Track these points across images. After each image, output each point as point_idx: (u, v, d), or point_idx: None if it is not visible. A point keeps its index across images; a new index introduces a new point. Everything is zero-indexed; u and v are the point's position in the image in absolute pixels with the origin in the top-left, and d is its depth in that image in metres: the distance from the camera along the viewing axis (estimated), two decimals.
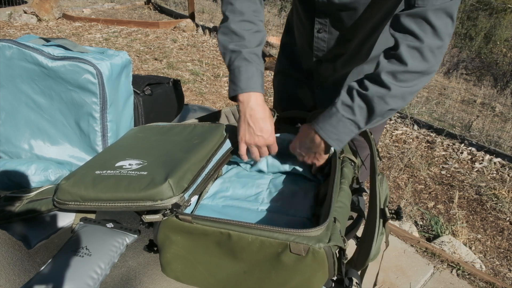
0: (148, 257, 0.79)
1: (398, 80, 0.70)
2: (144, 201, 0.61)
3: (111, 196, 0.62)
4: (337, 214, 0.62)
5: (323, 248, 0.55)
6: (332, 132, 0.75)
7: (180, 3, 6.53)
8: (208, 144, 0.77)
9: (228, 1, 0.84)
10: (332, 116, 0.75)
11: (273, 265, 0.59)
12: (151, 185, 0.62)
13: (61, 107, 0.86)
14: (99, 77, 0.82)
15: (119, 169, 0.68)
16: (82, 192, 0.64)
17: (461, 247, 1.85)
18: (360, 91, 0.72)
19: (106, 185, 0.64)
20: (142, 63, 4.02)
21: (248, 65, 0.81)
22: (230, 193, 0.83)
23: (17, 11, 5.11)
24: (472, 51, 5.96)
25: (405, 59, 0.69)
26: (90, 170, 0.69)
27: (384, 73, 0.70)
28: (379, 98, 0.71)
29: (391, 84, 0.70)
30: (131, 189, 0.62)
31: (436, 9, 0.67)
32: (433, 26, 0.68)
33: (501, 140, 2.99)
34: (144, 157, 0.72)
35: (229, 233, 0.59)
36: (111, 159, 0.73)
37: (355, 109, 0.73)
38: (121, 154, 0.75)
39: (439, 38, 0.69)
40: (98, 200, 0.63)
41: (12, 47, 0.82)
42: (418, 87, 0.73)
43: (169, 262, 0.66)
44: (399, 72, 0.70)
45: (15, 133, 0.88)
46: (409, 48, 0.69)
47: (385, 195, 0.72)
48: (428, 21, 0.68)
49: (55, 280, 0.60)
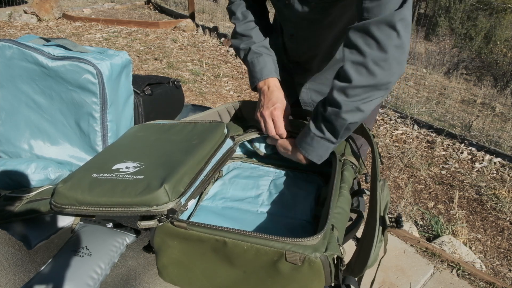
0: (148, 257, 0.79)
1: (349, 95, 0.71)
2: (140, 206, 0.60)
3: (107, 201, 0.62)
4: (335, 221, 0.62)
5: (319, 258, 0.54)
6: (310, 150, 0.78)
7: (180, 3, 6.53)
8: (207, 145, 0.76)
9: (232, 12, 0.98)
10: (307, 136, 0.78)
11: (269, 273, 0.58)
12: (147, 190, 0.61)
13: (61, 107, 0.86)
14: (99, 77, 0.82)
15: (116, 173, 0.67)
16: (78, 196, 0.63)
17: (461, 247, 1.85)
18: (322, 112, 0.75)
19: (102, 190, 0.63)
20: (142, 63, 4.02)
21: (259, 57, 0.91)
22: (230, 194, 0.82)
23: (17, 11, 5.11)
24: (472, 51, 5.96)
25: (349, 75, 0.70)
26: (88, 173, 0.68)
27: (335, 91, 0.72)
28: (335, 116, 0.73)
29: (342, 101, 0.71)
30: (126, 194, 0.61)
31: (377, 22, 0.67)
32: (375, 39, 0.68)
33: (501, 140, 2.99)
34: (142, 159, 0.71)
35: (224, 241, 0.58)
36: (109, 161, 0.72)
37: (323, 128, 0.76)
38: (119, 156, 0.74)
39: (383, 51, 0.68)
40: (94, 204, 0.62)
41: (12, 47, 0.82)
42: (375, 98, 0.72)
43: (166, 266, 0.66)
44: (347, 88, 0.71)
45: (15, 133, 0.88)
46: (353, 64, 0.70)
47: (386, 202, 0.71)
48: (371, 34, 0.68)
49: (55, 280, 0.60)
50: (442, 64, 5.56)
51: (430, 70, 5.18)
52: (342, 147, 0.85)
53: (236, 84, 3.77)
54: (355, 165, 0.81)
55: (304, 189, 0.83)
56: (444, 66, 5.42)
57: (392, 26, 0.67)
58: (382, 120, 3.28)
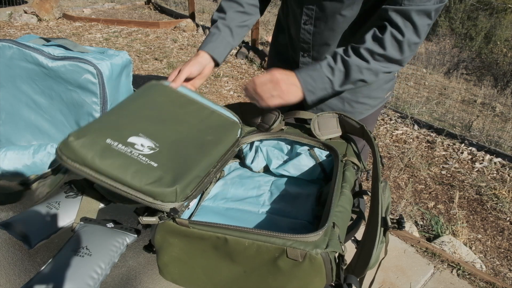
0: (148, 257, 0.79)
1: (374, 58, 0.82)
2: (146, 195, 0.60)
3: (116, 177, 0.60)
4: (337, 219, 0.62)
5: (320, 254, 0.54)
6: (309, 84, 0.85)
7: (180, 3, 6.54)
8: (221, 147, 0.76)
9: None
10: (315, 71, 0.85)
11: (270, 270, 0.58)
12: (158, 183, 0.60)
13: (61, 107, 0.86)
14: (100, 77, 0.82)
15: (131, 148, 0.65)
16: (88, 158, 0.61)
17: (462, 247, 1.85)
18: (344, 56, 0.83)
19: (113, 163, 0.61)
20: (142, 63, 4.02)
21: (216, 33, 0.94)
22: (231, 194, 0.82)
23: (18, 11, 5.11)
24: (472, 51, 5.96)
25: (386, 45, 0.81)
26: (102, 135, 0.65)
27: (364, 49, 0.82)
28: (356, 67, 0.82)
29: (370, 59, 0.82)
30: (137, 178, 0.60)
31: (418, 10, 0.77)
32: (414, 24, 0.79)
33: (502, 140, 2.99)
34: (157, 138, 0.70)
35: (225, 238, 0.58)
36: (126, 127, 0.69)
37: (335, 71, 0.83)
38: (136, 123, 0.72)
39: (418, 36, 0.80)
40: (100, 173, 0.61)
41: (13, 47, 0.82)
42: (389, 70, 0.85)
43: (167, 265, 0.66)
44: (376, 53, 0.82)
45: (16, 133, 0.88)
46: (392, 37, 0.80)
47: (387, 203, 0.71)
48: (411, 19, 0.78)
49: (56, 280, 0.60)
50: (442, 64, 5.56)
51: (430, 70, 5.18)
52: (343, 148, 0.85)
53: (236, 84, 3.77)
54: (357, 166, 0.81)
55: (305, 189, 0.83)
56: (444, 66, 5.42)
57: (430, 16, 0.79)
58: (382, 120, 3.28)
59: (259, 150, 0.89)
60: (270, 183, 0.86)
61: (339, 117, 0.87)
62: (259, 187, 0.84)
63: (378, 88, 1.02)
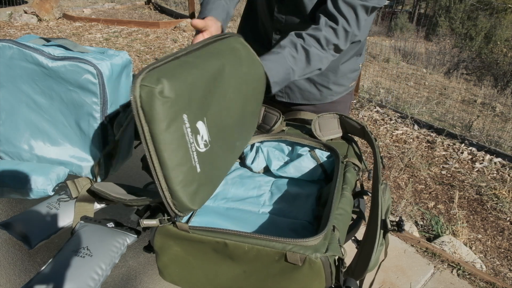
0: (148, 257, 0.79)
1: (329, 47, 0.87)
2: (172, 198, 0.56)
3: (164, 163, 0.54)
4: (337, 222, 0.62)
5: (320, 258, 0.54)
6: (275, 76, 0.84)
7: (180, 3, 6.54)
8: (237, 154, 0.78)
9: None
10: (278, 60, 0.84)
11: (269, 274, 0.58)
12: (190, 198, 0.56)
13: (61, 107, 0.86)
14: (100, 77, 0.82)
15: (193, 138, 0.57)
16: (157, 122, 0.52)
17: (462, 247, 1.85)
18: (304, 46, 0.85)
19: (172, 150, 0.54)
20: (142, 63, 4.02)
21: (210, 2, 0.94)
22: (231, 194, 0.82)
23: (18, 11, 5.11)
24: (472, 51, 5.96)
25: (339, 36, 0.86)
26: (186, 103, 0.56)
27: (323, 38, 0.85)
28: (317, 56, 0.86)
29: (326, 48, 0.86)
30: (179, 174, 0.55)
31: (362, 4, 0.84)
32: (358, 17, 0.85)
33: (502, 140, 2.99)
34: (211, 128, 0.62)
35: (225, 242, 0.58)
36: (203, 100, 0.60)
37: (297, 60, 0.85)
38: (210, 96, 0.62)
39: (358, 29, 0.88)
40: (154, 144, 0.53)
41: (13, 47, 0.82)
42: (331, 60, 0.90)
43: (166, 266, 0.66)
44: (332, 42, 0.86)
45: (15, 133, 0.88)
46: (343, 29, 0.85)
47: (387, 206, 0.71)
48: (357, 12, 0.84)
49: (56, 280, 0.60)
50: (442, 64, 5.56)
51: (430, 70, 5.18)
52: (344, 149, 0.85)
53: None
54: (358, 167, 0.81)
55: (305, 189, 0.83)
56: (444, 66, 5.42)
57: (367, 13, 0.85)
58: (382, 120, 3.28)
59: (260, 151, 0.89)
60: (271, 183, 0.86)
61: (340, 118, 0.87)
62: (260, 187, 0.84)
63: (344, 76, 1.08)
